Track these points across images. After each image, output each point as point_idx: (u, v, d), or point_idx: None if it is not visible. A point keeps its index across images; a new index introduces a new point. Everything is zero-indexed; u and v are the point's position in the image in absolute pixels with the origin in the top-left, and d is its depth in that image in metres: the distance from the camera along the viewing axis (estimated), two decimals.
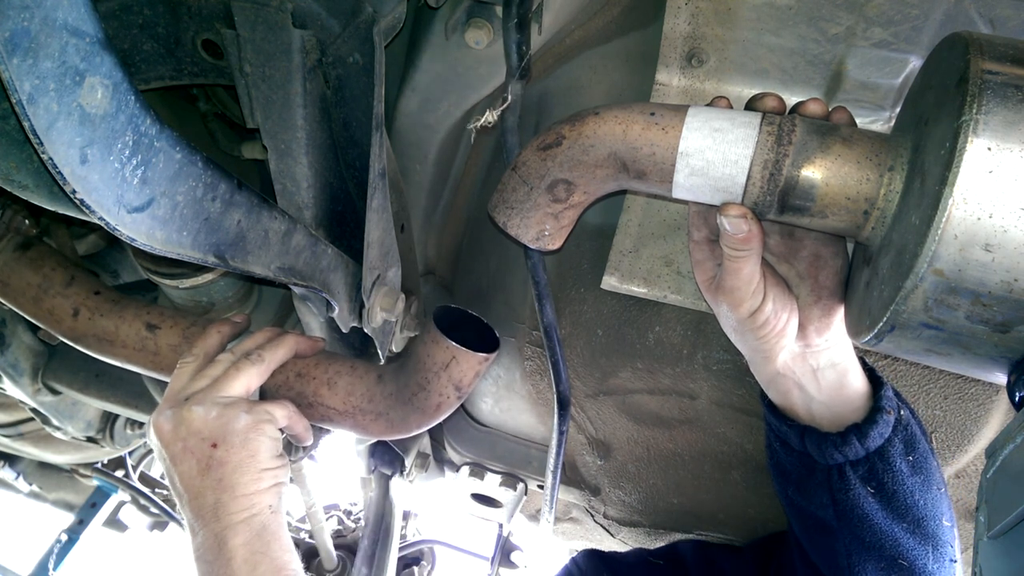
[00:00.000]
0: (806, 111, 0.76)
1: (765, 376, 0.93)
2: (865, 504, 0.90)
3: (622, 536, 1.55)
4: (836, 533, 0.94)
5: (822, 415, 0.91)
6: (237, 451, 0.92)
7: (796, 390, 0.91)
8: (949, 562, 0.91)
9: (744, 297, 0.83)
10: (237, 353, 1.02)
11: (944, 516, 0.92)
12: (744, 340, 0.91)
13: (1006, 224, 0.57)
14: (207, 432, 0.92)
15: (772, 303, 0.84)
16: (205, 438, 0.92)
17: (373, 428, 0.96)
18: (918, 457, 0.91)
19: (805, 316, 0.86)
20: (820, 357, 0.88)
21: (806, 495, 0.97)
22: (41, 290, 1.11)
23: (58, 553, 2.58)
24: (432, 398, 0.87)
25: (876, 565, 0.90)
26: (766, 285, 0.83)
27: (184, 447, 0.92)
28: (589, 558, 1.29)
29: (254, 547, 0.89)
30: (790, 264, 0.86)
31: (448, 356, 0.84)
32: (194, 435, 0.92)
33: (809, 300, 0.85)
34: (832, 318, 0.85)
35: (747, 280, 0.82)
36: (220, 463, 0.91)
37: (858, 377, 0.90)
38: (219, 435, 0.92)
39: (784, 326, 0.85)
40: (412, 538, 3.09)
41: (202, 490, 0.91)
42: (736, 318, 0.86)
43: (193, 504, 0.92)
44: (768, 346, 0.87)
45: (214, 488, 0.91)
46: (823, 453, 0.91)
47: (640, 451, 1.35)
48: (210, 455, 0.91)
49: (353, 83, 0.91)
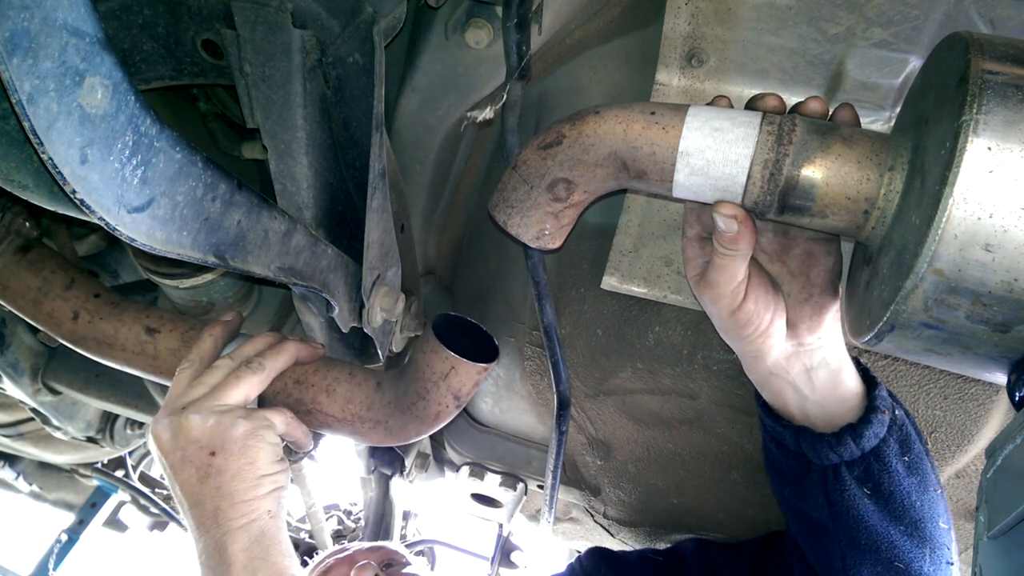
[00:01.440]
0: (806, 110, 0.76)
1: (758, 376, 0.93)
2: (861, 505, 0.90)
3: (622, 536, 1.55)
4: (832, 534, 0.93)
5: (816, 415, 0.91)
6: (235, 459, 0.92)
7: (790, 390, 0.91)
8: (946, 564, 0.91)
9: (724, 293, 0.83)
10: (236, 359, 1.02)
11: (940, 518, 0.91)
12: (731, 339, 0.91)
13: (1006, 224, 0.57)
14: (205, 440, 0.92)
15: (754, 303, 0.84)
16: (204, 447, 0.92)
17: (372, 435, 0.96)
18: (914, 458, 0.91)
19: (796, 314, 0.86)
20: (813, 356, 0.88)
21: (802, 496, 0.97)
22: (41, 293, 1.11)
23: (58, 553, 2.58)
24: (431, 407, 0.87)
25: (872, 568, 0.90)
26: (749, 286, 0.84)
27: (183, 456, 0.93)
28: (592, 556, 1.29)
29: (253, 552, 0.90)
30: (782, 262, 0.86)
31: (447, 366, 0.84)
32: (192, 444, 0.93)
33: (800, 298, 0.85)
34: (824, 316, 0.85)
35: (730, 278, 0.82)
36: (219, 471, 0.92)
37: (852, 377, 0.90)
38: (217, 443, 0.92)
39: (768, 327, 0.85)
40: (412, 538, 3.09)
41: (202, 498, 0.92)
42: (718, 315, 0.87)
43: (194, 511, 0.93)
44: (754, 346, 0.87)
45: (213, 496, 0.91)
46: (818, 453, 0.91)
47: (640, 451, 1.35)
48: (208, 463, 0.92)
49: (353, 83, 0.91)
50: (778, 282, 0.86)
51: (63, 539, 2.61)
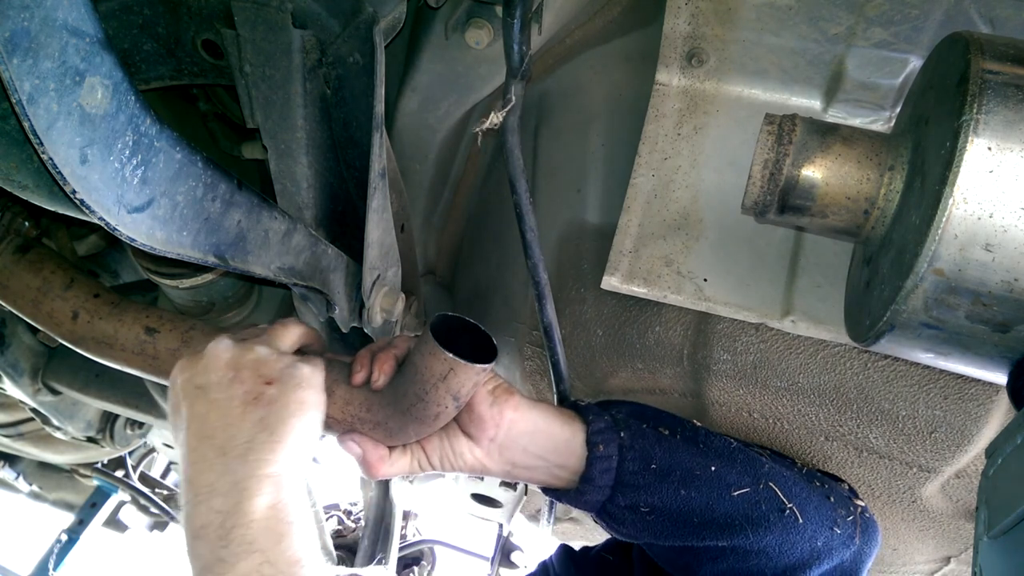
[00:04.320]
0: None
1: (503, 477, 1.04)
2: (646, 530, 0.97)
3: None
4: (652, 552, 1.02)
5: (565, 476, 0.98)
6: (289, 395, 0.80)
7: (524, 473, 0.98)
8: (778, 513, 0.93)
9: (406, 471, 0.96)
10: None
11: (732, 487, 0.95)
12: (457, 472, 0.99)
13: (1006, 224, 0.57)
14: (265, 370, 0.82)
15: (418, 463, 0.95)
16: (262, 374, 0.81)
17: (371, 437, 0.97)
18: (662, 462, 0.95)
19: (472, 433, 0.94)
20: (510, 446, 0.94)
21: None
22: (40, 293, 1.11)
23: (58, 553, 2.58)
24: (430, 408, 0.87)
25: (712, 568, 0.95)
26: (411, 456, 0.95)
27: (236, 376, 0.80)
28: (560, 557, 1.29)
29: (280, 514, 0.74)
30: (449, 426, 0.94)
31: (446, 368, 0.84)
32: (250, 368, 0.81)
33: (465, 421, 0.93)
34: (485, 418, 0.92)
35: (398, 471, 0.95)
36: (270, 401, 0.79)
37: (559, 428, 0.96)
38: (276, 375, 0.82)
39: (445, 465, 0.95)
40: (412, 538, 3.09)
41: (239, 423, 0.77)
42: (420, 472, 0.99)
43: (221, 436, 0.77)
44: (464, 471, 0.97)
45: (253, 426, 0.77)
46: (585, 507, 0.98)
47: None
48: (261, 391, 0.80)
49: (353, 83, 0.91)
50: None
51: (63, 539, 2.61)
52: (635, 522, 0.97)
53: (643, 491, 0.95)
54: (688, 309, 1.14)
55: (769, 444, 1.18)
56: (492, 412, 0.92)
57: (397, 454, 0.94)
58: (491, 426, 0.93)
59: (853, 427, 1.11)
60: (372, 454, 0.91)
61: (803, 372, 1.08)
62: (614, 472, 0.95)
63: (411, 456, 0.96)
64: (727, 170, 1.08)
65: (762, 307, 1.06)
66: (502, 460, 0.95)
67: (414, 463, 0.96)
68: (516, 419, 0.94)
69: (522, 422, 0.94)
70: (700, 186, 1.09)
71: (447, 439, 0.95)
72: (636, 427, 0.98)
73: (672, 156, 1.10)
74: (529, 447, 0.95)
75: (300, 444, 0.80)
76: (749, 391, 1.15)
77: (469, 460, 0.95)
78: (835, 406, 1.09)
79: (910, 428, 1.08)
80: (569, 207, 1.22)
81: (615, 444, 0.96)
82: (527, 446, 0.95)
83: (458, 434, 0.95)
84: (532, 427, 0.95)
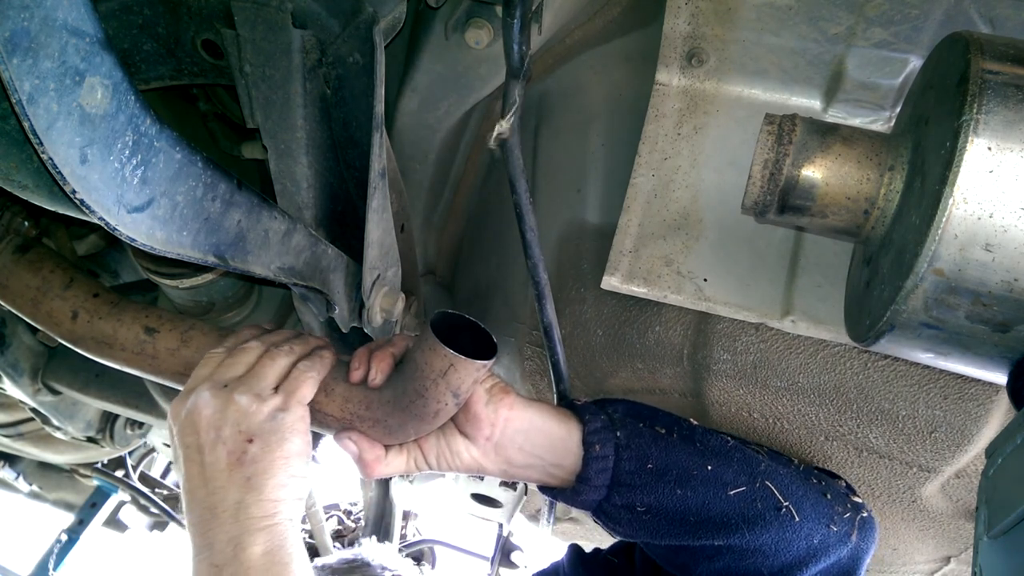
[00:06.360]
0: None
1: (500, 477, 1.02)
2: (642, 529, 0.97)
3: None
4: (651, 551, 1.03)
5: (561, 476, 0.98)
6: (272, 451, 0.84)
7: (521, 472, 0.98)
8: (774, 511, 0.93)
9: (403, 470, 0.98)
10: (266, 342, 0.94)
11: (728, 486, 0.94)
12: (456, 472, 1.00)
13: (1006, 224, 0.57)
14: (246, 425, 0.84)
15: (414, 462, 0.97)
16: (243, 431, 0.84)
17: (371, 435, 0.97)
18: (658, 462, 0.95)
19: (468, 432, 0.94)
20: (506, 444, 0.95)
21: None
22: (40, 292, 1.11)
23: (58, 553, 2.58)
24: (430, 405, 0.86)
25: (709, 566, 0.95)
26: (407, 456, 0.97)
27: (217, 436, 0.84)
28: (571, 559, 1.29)
29: (275, 559, 0.81)
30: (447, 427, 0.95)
31: (446, 364, 0.83)
32: (232, 425, 0.84)
33: (462, 420, 0.94)
34: (481, 417, 0.92)
35: (394, 470, 0.97)
36: (252, 460, 0.83)
37: (556, 427, 0.97)
38: (256, 430, 0.84)
39: (442, 464, 0.96)
40: (412, 538, 3.09)
41: (226, 486, 0.82)
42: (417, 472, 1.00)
43: (211, 499, 0.83)
44: (461, 470, 0.98)
45: (240, 486, 0.82)
46: (582, 506, 0.98)
47: None
48: (244, 450, 0.83)
49: (353, 83, 0.91)
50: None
51: (63, 539, 2.61)
52: (631, 521, 0.97)
53: (639, 491, 0.95)
54: (688, 309, 1.14)
55: (769, 444, 1.18)
56: (488, 411, 0.92)
57: (393, 454, 0.95)
58: (487, 425, 0.93)
59: (853, 427, 1.11)
60: (368, 453, 0.92)
61: (803, 372, 1.08)
62: (610, 472, 0.95)
63: (407, 456, 0.96)
64: (727, 170, 1.08)
65: (762, 307, 1.06)
66: (498, 459, 0.96)
67: (411, 463, 0.96)
68: (512, 418, 0.94)
69: (518, 421, 0.94)
70: (700, 186, 1.09)
71: (444, 438, 0.95)
72: (632, 426, 0.98)
73: (672, 156, 1.10)
74: (525, 446, 0.95)
75: (289, 494, 0.85)
76: (749, 391, 1.15)
77: (466, 459, 0.95)
78: (835, 406, 1.09)
79: (910, 428, 1.08)
80: (569, 207, 1.22)
81: (611, 444, 0.96)
82: (523, 445, 0.95)
83: (455, 433, 0.95)
84: (528, 426, 0.95)
